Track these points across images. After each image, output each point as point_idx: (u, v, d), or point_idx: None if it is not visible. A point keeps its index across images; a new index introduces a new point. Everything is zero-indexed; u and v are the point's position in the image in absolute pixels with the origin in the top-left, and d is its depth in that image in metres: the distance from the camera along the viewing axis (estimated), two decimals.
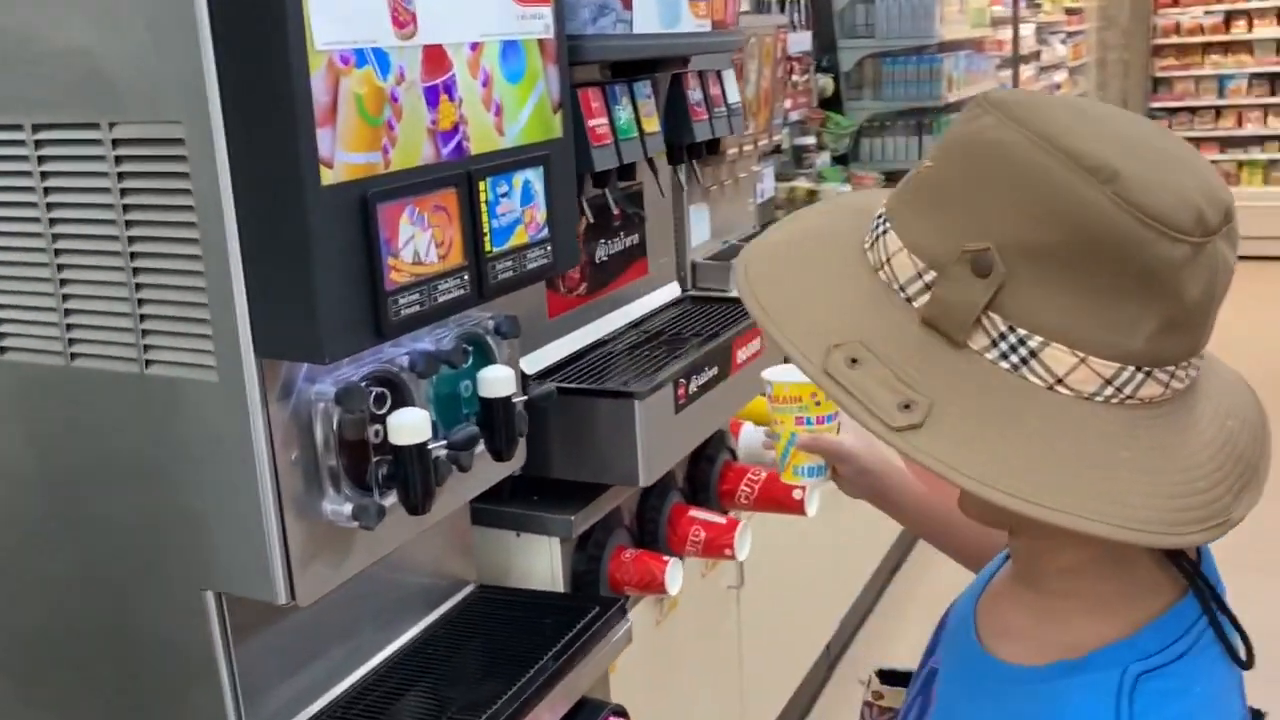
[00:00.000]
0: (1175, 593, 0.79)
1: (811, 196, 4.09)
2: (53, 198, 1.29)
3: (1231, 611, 0.80)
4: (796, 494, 2.20)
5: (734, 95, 2.19)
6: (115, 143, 1.23)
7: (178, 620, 1.36)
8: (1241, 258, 0.74)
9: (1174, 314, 0.71)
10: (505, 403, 1.52)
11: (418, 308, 1.29)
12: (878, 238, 0.79)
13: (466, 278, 1.36)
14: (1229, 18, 8.55)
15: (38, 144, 1.28)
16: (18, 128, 1.28)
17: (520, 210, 1.46)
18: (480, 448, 1.47)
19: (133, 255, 1.26)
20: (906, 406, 0.71)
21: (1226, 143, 8.56)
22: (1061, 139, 0.70)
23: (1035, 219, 0.70)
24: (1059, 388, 0.72)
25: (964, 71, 5.04)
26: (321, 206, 1.16)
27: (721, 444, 2.30)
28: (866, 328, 0.75)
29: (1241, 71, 8.50)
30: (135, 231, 1.25)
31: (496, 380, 1.51)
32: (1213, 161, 8.44)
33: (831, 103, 4.70)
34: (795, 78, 3.94)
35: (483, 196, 1.39)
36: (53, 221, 1.30)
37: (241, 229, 1.19)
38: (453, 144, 1.35)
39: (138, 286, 1.27)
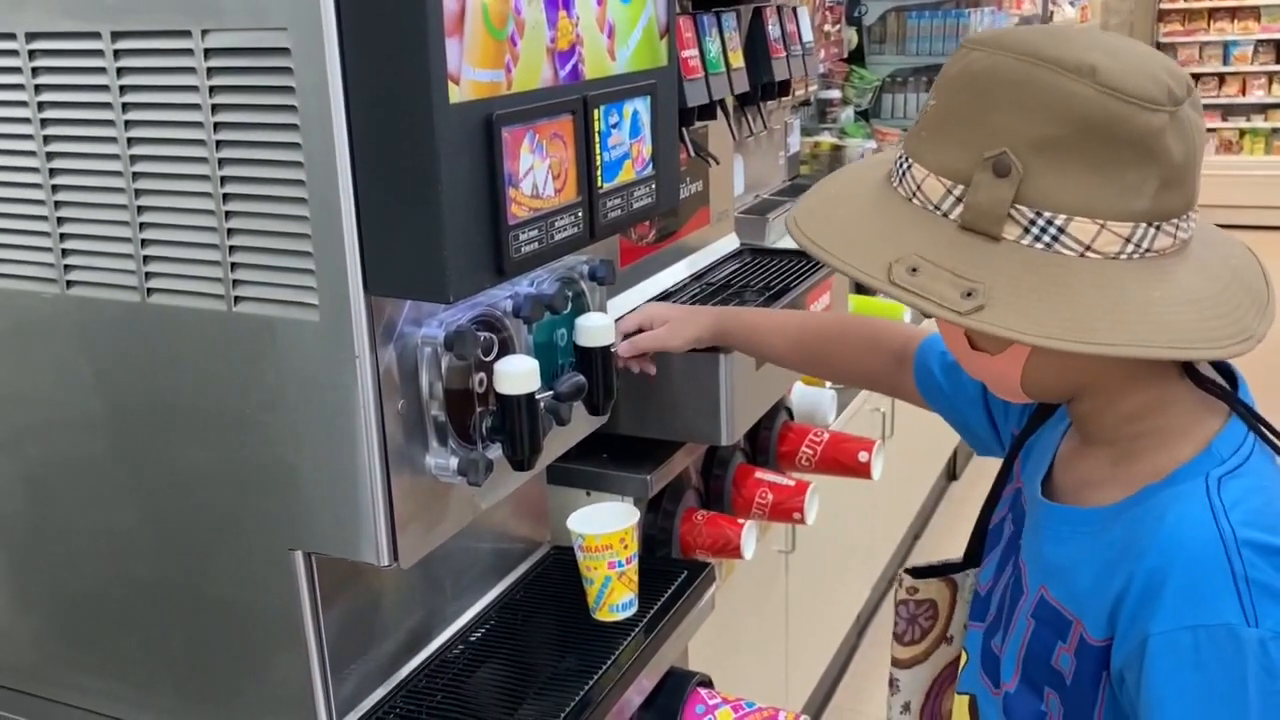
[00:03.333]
0: (1223, 416, 0.94)
1: (836, 152, 3.97)
2: (133, 114, 1.16)
3: (1271, 424, 0.94)
4: (862, 456, 2.12)
5: (808, 34, 2.07)
6: (209, 53, 1.10)
7: (261, 582, 1.24)
8: (1242, 227, 0.78)
9: (1167, 173, 0.84)
10: (604, 352, 1.41)
11: (536, 245, 1.17)
12: (904, 174, 0.92)
13: (580, 214, 1.25)
14: None
15: (117, 54, 1.14)
16: (94, 35, 1.15)
17: (628, 144, 1.35)
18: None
19: (224, 180, 1.13)
20: (969, 294, 0.84)
21: (1229, 110, 8.44)
22: (1043, 52, 0.85)
23: (1036, 118, 0.84)
24: (1089, 254, 0.85)
25: (987, 29, 4.92)
26: (449, 127, 1.04)
27: (780, 404, 2.20)
28: (915, 243, 0.88)
29: (1247, 38, 8.38)
30: (228, 154, 1.12)
31: (597, 329, 1.40)
32: (1213, 130, 8.27)
33: (853, 56, 4.56)
34: (828, 27, 3.81)
35: (596, 126, 1.27)
36: (131, 141, 1.17)
37: (354, 152, 1.07)
38: (569, 66, 1.23)
39: (229, 215, 1.14)
